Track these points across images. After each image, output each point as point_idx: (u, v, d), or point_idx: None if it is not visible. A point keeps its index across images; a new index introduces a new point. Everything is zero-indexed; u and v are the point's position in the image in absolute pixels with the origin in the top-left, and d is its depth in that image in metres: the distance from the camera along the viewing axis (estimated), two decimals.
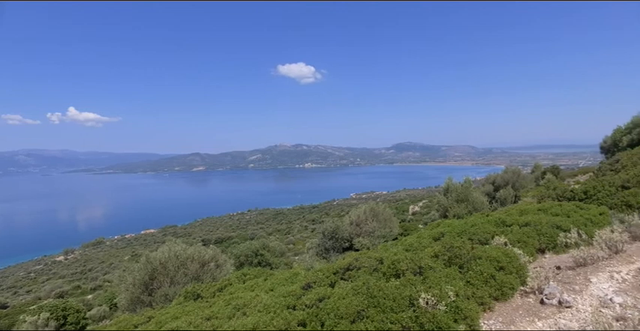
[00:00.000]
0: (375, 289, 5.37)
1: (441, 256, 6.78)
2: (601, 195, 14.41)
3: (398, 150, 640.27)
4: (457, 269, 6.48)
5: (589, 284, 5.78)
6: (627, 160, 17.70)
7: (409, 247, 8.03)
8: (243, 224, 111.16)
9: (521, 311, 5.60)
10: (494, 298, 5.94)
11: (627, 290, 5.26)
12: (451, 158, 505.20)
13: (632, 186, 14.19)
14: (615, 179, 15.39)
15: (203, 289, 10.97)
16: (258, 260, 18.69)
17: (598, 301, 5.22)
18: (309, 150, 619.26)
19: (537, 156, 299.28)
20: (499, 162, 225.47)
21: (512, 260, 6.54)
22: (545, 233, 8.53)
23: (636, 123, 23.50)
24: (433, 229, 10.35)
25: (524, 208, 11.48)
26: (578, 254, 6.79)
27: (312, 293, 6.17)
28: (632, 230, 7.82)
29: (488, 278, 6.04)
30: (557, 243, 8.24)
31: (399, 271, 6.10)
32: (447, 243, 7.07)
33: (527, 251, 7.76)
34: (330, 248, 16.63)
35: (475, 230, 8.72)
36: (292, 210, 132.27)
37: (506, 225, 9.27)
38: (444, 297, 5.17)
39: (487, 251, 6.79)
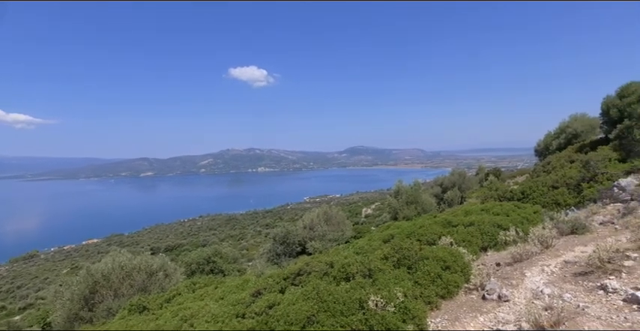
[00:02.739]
0: (325, 293, 5.46)
1: (390, 258, 7.04)
2: (536, 195, 15.80)
3: (351, 153, 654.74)
4: (406, 270, 6.77)
5: (524, 278, 6.31)
6: (556, 162, 19.54)
7: (360, 250, 8.25)
8: (194, 230, 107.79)
9: (465, 307, 5.98)
10: (441, 296, 6.28)
11: (555, 282, 5.83)
12: (402, 161, 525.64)
13: (560, 186, 15.72)
14: (547, 180, 16.94)
15: (150, 301, 10.48)
16: (210, 268, 18.19)
17: (531, 293, 5.72)
18: (262, 155, 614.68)
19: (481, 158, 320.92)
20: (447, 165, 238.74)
21: (457, 259, 6.96)
22: (488, 232, 9.19)
23: (563, 129, 26.07)
24: (383, 231, 10.72)
25: (469, 209, 12.27)
26: (515, 251, 7.39)
27: (261, 301, 6.12)
28: (559, 226, 8.66)
29: (435, 278, 6.38)
30: (498, 241, 8.91)
31: (349, 274, 6.25)
32: (396, 245, 7.36)
33: (471, 250, 8.30)
34: (281, 254, 16.57)
35: (423, 231, 9.17)
36: (245, 215, 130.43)
37: (452, 225, 9.85)
38: (392, 298, 5.38)
39: (434, 251, 7.16)
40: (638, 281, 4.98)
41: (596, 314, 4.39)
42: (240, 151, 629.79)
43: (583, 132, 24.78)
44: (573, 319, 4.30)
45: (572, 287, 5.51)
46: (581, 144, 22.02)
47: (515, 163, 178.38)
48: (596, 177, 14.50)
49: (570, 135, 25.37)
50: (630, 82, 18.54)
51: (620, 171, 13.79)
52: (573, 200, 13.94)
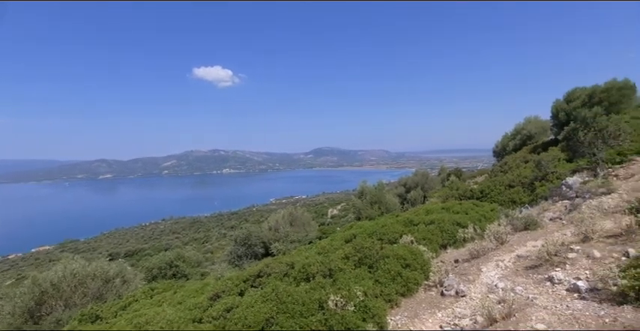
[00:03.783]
0: (285, 294, 5.42)
1: (351, 257, 7.11)
2: (494, 194, 16.57)
3: (316, 155, 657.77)
4: (367, 269, 6.87)
5: (480, 274, 6.58)
6: (512, 162, 20.59)
7: (321, 250, 8.27)
8: (156, 234, 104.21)
9: (424, 304, 6.14)
10: (401, 294, 6.42)
11: (508, 276, 6.12)
12: (367, 162, 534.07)
13: (516, 185, 16.59)
14: (504, 179, 17.81)
15: (104, 309, 10.01)
16: (173, 272, 17.63)
17: (486, 288, 5.97)
18: (227, 156, 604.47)
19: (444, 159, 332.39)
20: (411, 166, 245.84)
21: (417, 257, 7.15)
22: (447, 230, 9.52)
23: (518, 131, 27.56)
24: (346, 231, 10.82)
25: (430, 208, 12.65)
26: (473, 248, 7.71)
27: (219, 304, 5.99)
28: (514, 222, 9.11)
29: (395, 276, 6.51)
30: (457, 239, 9.24)
31: (309, 275, 6.25)
32: (357, 244, 7.45)
33: (431, 248, 8.55)
34: (242, 256, 16.32)
35: (385, 230, 9.34)
36: (210, 217, 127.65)
37: (413, 224, 10.11)
38: (352, 298, 5.43)
39: (395, 249, 7.32)
40: (579, 272, 5.33)
41: (543, 304, 4.65)
42: (204, 152, 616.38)
43: (536, 133, 26.32)
44: (523, 310, 4.53)
45: (523, 280, 5.80)
46: (535, 145, 23.38)
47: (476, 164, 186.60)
48: (547, 176, 15.42)
49: (525, 136, 26.86)
50: (575, 87, 19.94)
51: (567, 171, 14.73)
52: (527, 198, 14.74)
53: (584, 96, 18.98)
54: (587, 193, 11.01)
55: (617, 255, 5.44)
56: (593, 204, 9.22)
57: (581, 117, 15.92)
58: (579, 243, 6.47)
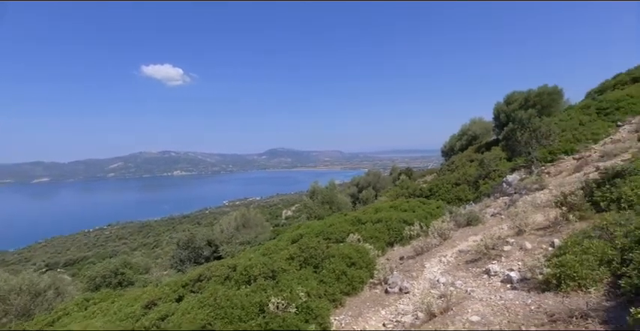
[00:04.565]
0: (223, 299, 5.18)
1: (296, 258, 6.99)
2: (441, 192, 17.24)
3: (270, 156, 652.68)
4: (312, 269, 6.78)
5: (424, 270, 6.73)
6: (459, 162, 21.58)
7: (266, 251, 8.09)
8: (101, 241, 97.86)
9: (368, 302, 6.16)
10: (346, 293, 6.39)
11: (450, 271, 6.31)
12: (321, 163, 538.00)
13: (462, 183, 17.38)
14: (451, 178, 18.60)
15: (29, 326, 9.14)
16: (118, 280, 16.47)
17: (429, 283, 6.11)
18: (179, 157, 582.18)
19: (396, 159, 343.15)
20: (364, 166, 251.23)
21: (362, 255, 7.18)
22: (394, 227, 9.69)
23: (464, 131, 29.00)
24: (294, 231, 10.71)
25: (379, 206, 12.86)
26: (417, 244, 7.89)
27: (154, 312, 5.62)
28: (457, 219, 9.48)
29: (340, 275, 6.48)
30: (404, 236, 9.43)
31: (251, 277, 6.04)
32: (303, 245, 7.34)
33: (378, 246, 8.65)
34: (186, 260, 15.64)
35: (333, 229, 9.34)
36: (161, 221, 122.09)
37: (361, 222, 10.19)
38: (295, 299, 5.30)
39: (340, 249, 7.30)
40: (513, 263, 5.59)
41: (480, 296, 4.81)
42: (154, 154, 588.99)
43: (480, 134, 27.82)
44: (460, 303, 4.65)
45: (463, 274, 5.99)
46: (479, 145, 24.67)
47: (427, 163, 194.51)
48: (490, 174, 16.29)
49: (470, 137, 28.31)
50: (514, 91, 21.35)
51: (507, 169, 15.66)
52: (472, 195, 15.48)
53: (521, 99, 20.33)
54: (524, 189, 11.73)
55: (545, 246, 5.78)
56: (528, 200, 9.82)
57: (518, 119, 17.01)
58: (514, 236, 6.81)
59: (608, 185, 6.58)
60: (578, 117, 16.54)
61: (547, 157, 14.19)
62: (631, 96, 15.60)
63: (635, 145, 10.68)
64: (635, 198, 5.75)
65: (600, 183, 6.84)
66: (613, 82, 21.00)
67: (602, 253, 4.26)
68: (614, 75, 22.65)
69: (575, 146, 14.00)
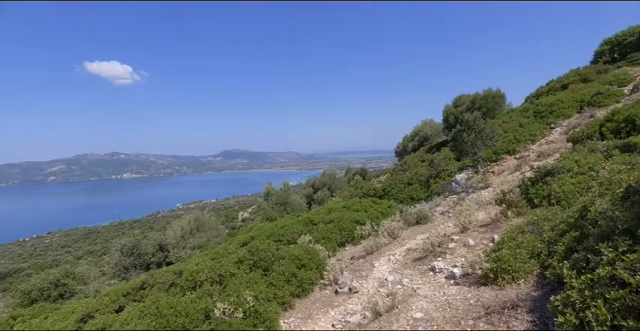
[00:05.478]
0: (166, 307, 4.98)
1: (245, 261, 6.87)
2: (395, 191, 17.72)
3: (226, 157, 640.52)
4: (261, 272, 6.70)
5: (373, 269, 6.88)
6: (411, 162, 22.31)
7: (215, 255, 7.89)
8: (40, 250, 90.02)
9: (318, 303, 6.19)
10: (296, 295, 6.37)
11: (398, 269, 6.50)
12: (278, 164, 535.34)
13: (414, 183, 17.99)
14: (403, 177, 19.19)
15: None
16: (59, 293, 15.14)
17: (378, 282, 6.25)
18: (128, 159, 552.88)
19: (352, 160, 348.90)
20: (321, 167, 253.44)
21: (313, 256, 7.20)
22: (346, 228, 9.83)
23: (416, 132, 30.08)
24: (245, 234, 10.54)
25: (332, 206, 12.98)
26: (368, 244, 8.04)
27: (89, 325, 5.28)
28: (407, 218, 9.79)
29: (290, 277, 6.45)
30: (355, 236, 9.59)
31: (197, 283, 5.86)
32: (253, 247, 7.24)
33: (329, 247, 8.72)
34: (130, 267, 14.84)
35: (284, 231, 9.29)
36: (109, 227, 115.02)
37: (313, 223, 10.24)
38: (242, 304, 5.21)
39: (291, 250, 7.27)
40: (456, 260, 5.87)
41: (424, 293, 4.98)
42: (101, 156, 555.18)
43: (431, 135, 28.97)
44: (406, 301, 4.79)
45: (410, 272, 6.19)
46: (430, 145, 25.67)
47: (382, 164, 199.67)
48: (440, 173, 16.99)
49: (422, 138, 29.39)
50: (461, 94, 22.48)
51: (456, 168, 16.43)
52: (424, 194, 16.07)
53: (468, 102, 21.42)
54: (470, 188, 12.35)
55: (486, 242, 6.11)
56: (474, 198, 10.35)
57: (465, 121, 17.88)
58: (459, 233, 7.15)
59: (541, 183, 7.08)
60: (518, 120, 17.69)
61: (492, 157, 15.05)
62: (561, 101, 16.94)
63: (564, 146, 11.60)
64: (562, 194, 6.24)
65: (534, 181, 7.35)
66: (547, 88, 22.73)
67: (532, 247, 4.58)
68: (547, 82, 24.56)
69: (516, 146, 14.96)
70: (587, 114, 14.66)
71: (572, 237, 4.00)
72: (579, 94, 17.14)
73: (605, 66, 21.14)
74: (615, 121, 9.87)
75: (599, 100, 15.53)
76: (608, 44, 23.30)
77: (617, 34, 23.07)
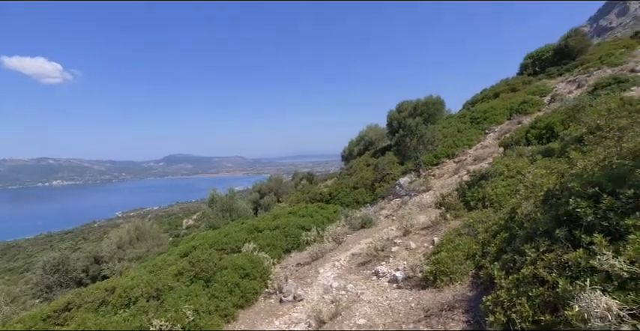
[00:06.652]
0: (94, 329, 4.62)
1: (186, 273, 6.59)
2: (341, 195, 17.97)
3: (169, 162, 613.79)
4: (203, 283, 6.46)
5: (318, 275, 6.89)
6: (357, 166, 22.80)
7: (154, 267, 7.49)
8: None
9: (262, 314, 6.08)
10: (239, 306, 6.22)
11: (342, 274, 6.58)
12: (224, 169, 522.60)
13: (360, 187, 18.39)
14: (349, 182, 19.54)
15: None
16: None
17: (323, 289, 6.27)
18: (58, 165, 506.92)
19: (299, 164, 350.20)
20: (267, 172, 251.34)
21: (257, 265, 7.07)
22: (292, 234, 9.78)
23: (362, 137, 30.87)
24: (187, 243, 10.13)
25: (278, 212, 12.88)
26: (313, 250, 8.06)
27: None
28: (352, 222, 9.96)
29: (232, 288, 6.28)
30: (301, 242, 9.58)
31: (132, 299, 5.52)
32: (194, 258, 6.96)
33: (274, 254, 8.62)
34: (54, 285, 13.58)
35: (228, 239, 9.05)
36: (35, 240, 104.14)
37: (258, 230, 10.07)
38: (181, 319, 4.98)
39: (234, 259, 7.09)
40: (399, 263, 6.06)
41: (368, 298, 5.08)
42: (24, 161, 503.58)
43: (376, 139, 29.86)
44: (349, 307, 4.85)
45: (354, 277, 6.28)
46: (375, 150, 26.44)
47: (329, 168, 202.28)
48: (384, 177, 17.52)
49: (367, 142, 30.20)
50: (404, 100, 23.48)
51: (400, 172, 17.05)
52: (369, 198, 16.46)
53: (410, 107, 22.39)
54: (413, 191, 12.85)
55: (426, 245, 6.38)
56: (416, 201, 10.77)
57: (407, 126, 18.64)
58: (401, 236, 7.39)
59: (476, 186, 7.55)
60: (456, 125, 18.78)
61: (433, 161, 15.81)
62: (494, 109, 18.28)
63: (497, 150, 12.49)
64: (494, 197, 6.70)
65: (470, 184, 7.82)
66: (481, 96, 24.44)
67: (468, 248, 4.85)
68: (482, 90, 26.44)
69: (455, 150, 15.84)
70: (516, 121, 15.91)
71: (502, 239, 4.29)
72: (509, 102, 18.59)
73: (529, 77, 23.18)
74: (538, 128, 10.81)
75: (525, 108, 16.94)
76: (531, 58, 25.59)
77: (537, 49, 25.43)
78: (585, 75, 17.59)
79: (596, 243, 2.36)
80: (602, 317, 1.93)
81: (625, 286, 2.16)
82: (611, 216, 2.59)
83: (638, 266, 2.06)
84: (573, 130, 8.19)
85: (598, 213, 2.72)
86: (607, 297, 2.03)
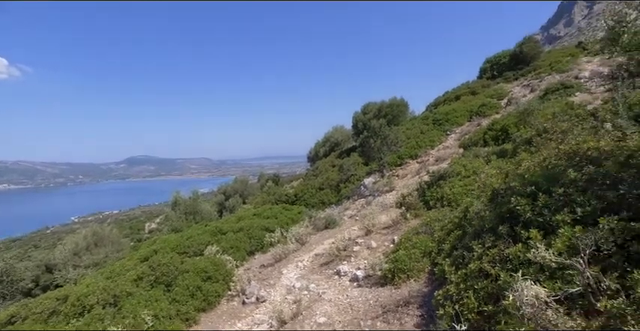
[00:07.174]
0: None
1: (146, 278, 6.46)
2: (307, 196, 18.07)
3: (130, 164, 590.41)
4: (164, 288, 6.35)
5: (281, 276, 6.95)
6: (322, 167, 22.99)
7: (111, 273, 7.28)
8: None
9: (225, 316, 6.07)
10: (201, 309, 6.17)
11: (305, 275, 6.67)
12: (188, 171, 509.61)
13: (325, 188, 18.58)
14: (315, 183, 19.68)
15: None
16: None
17: (286, 290, 6.33)
18: (5, 168, 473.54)
19: (265, 166, 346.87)
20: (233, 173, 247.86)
21: (219, 268, 7.03)
22: (255, 236, 9.76)
23: (327, 138, 31.17)
24: (147, 247, 9.89)
25: (242, 214, 12.81)
26: (277, 251, 8.10)
27: None
28: (316, 223, 10.08)
29: (194, 291, 6.22)
30: (265, 244, 9.59)
31: (86, 307, 5.35)
32: (154, 262, 6.83)
33: (238, 256, 8.59)
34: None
35: (190, 242, 8.93)
36: None
37: (222, 232, 9.98)
38: (139, 325, 4.89)
39: (196, 263, 7.02)
40: (360, 262, 6.23)
41: (329, 297, 5.20)
42: None
43: (342, 140, 30.24)
44: (311, 307, 4.95)
45: (317, 277, 6.39)
46: (341, 151, 26.76)
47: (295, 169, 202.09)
48: (349, 178, 17.79)
49: (333, 143, 30.52)
50: (369, 102, 23.98)
51: (364, 173, 17.37)
52: (335, 198, 16.65)
53: (375, 109, 22.87)
54: (377, 192, 13.14)
55: (387, 244, 6.59)
56: (379, 201, 11.03)
57: (372, 127, 19.03)
58: (363, 236, 7.58)
59: (435, 186, 7.87)
60: (419, 127, 19.36)
61: (396, 161, 16.22)
62: (455, 111, 19.03)
63: (457, 151, 13.02)
64: (452, 196, 7.02)
65: (430, 184, 8.14)
66: (443, 98, 25.33)
67: (425, 246, 5.08)
68: (444, 92, 27.40)
69: (418, 151, 16.34)
70: (475, 123, 16.64)
71: (456, 236, 4.53)
72: (469, 105, 19.40)
73: (488, 81, 24.30)
74: (494, 130, 11.38)
75: (484, 111, 17.75)
76: (489, 62, 26.82)
77: (495, 54, 26.70)
78: (537, 80, 18.65)
79: (532, 237, 2.58)
80: (532, 304, 2.13)
81: (554, 275, 2.38)
82: (545, 212, 2.84)
83: (565, 257, 2.28)
84: (524, 132, 8.72)
85: (535, 210, 2.96)
86: (537, 286, 2.24)
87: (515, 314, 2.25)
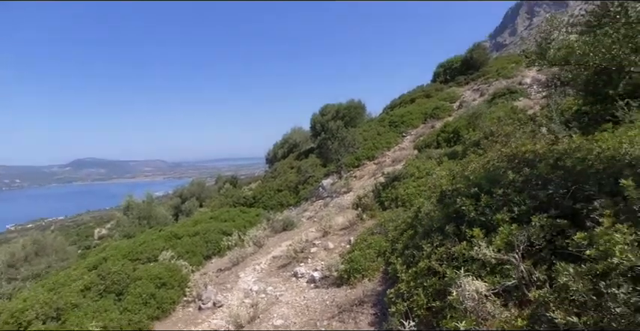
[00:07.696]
0: None
1: (94, 287, 6.17)
2: (265, 198, 17.95)
3: (77, 167, 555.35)
4: (114, 297, 6.10)
5: (239, 280, 6.89)
6: (281, 169, 22.95)
7: (55, 285, 6.86)
8: None
9: (180, 323, 5.92)
10: (155, 317, 5.98)
11: (263, 278, 6.66)
12: (141, 173, 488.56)
13: (284, 189, 18.55)
14: (273, 184, 19.59)
15: None
16: None
17: (243, 293, 6.28)
18: None
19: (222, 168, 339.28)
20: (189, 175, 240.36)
21: (174, 274, 6.85)
22: (212, 240, 9.59)
23: (286, 140, 31.17)
24: (96, 255, 9.43)
25: (199, 218, 12.52)
26: (234, 255, 8.02)
27: None
28: (274, 225, 10.06)
29: (147, 299, 6.02)
30: (222, 247, 9.44)
31: (23, 324, 5.02)
32: (103, 271, 6.54)
33: (194, 261, 8.41)
34: None
35: (144, 248, 8.61)
36: None
37: (178, 237, 9.71)
38: None
39: (149, 269, 6.80)
40: (317, 264, 6.31)
41: (287, 299, 5.24)
42: None
43: (300, 142, 30.33)
44: (268, 310, 4.96)
45: (275, 280, 6.40)
46: (299, 152, 26.83)
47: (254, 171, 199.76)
48: (308, 179, 17.89)
49: (291, 145, 30.54)
50: (327, 104, 24.28)
51: (322, 174, 17.54)
52: (293, 200, 16.67)
53: (333, 111, 23.17)
54: (335, 193, 13.32)
55: (344, 245, 6.72)
56: (337, 202, 11.20)
57: (330, 129, 19.26)
58: (321, 237, 7.68)
59: (390, 187, 8.13)
60: (376, 129, 19.83)
61: (354, 163, 16.53)
62: (411, 113, 19.68)
63: (412, 153, 13.49)
64: (406, 197, 7.29)
65: (385, 185, 8.39)
66: (399, 101, 26.12)
67: (379, 246, 5.24)
68: (400, 95, 28.26)
69: (375, 152, 16.75)
70: (430, 125, 17.31)
71: (408, 236, 4.73)
72: (424, 107, 20.12)
73: (441, 85, 25.35)
74: (447, 132, 11.92)
75: (437, 113, 18.50)
76: (443, 67, 28.00)
77: (448, 59, 27.93)
78: (486, 85, 19.71)
79: (475, 236, 2.75)
80: (473, 298, 2.30)
81: (494, 270, 2.58)
82: (487, 212, 3.04)
83: (503, 253, 2.47)
84: (473, 135, 9.20)
85: (478, 209, 3.17)
86: (479, 281, 2.42)
87: (459, 308, 2.41)
